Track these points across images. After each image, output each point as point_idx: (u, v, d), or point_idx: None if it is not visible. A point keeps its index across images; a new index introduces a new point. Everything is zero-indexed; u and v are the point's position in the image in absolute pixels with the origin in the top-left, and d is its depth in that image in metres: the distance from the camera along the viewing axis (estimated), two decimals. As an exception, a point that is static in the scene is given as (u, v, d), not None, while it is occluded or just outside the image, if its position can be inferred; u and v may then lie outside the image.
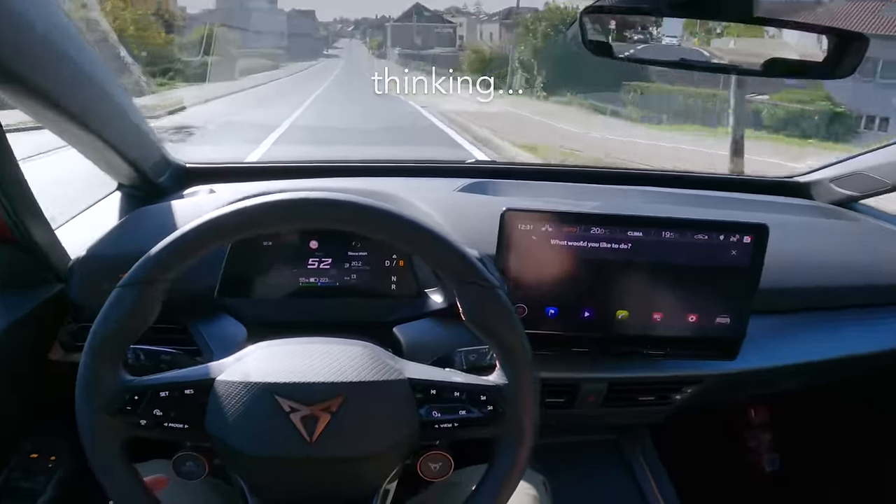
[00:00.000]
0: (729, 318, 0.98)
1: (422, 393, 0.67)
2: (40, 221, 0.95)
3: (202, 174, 1.36)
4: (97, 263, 1.00)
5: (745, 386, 1.23)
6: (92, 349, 0.64)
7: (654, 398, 1.14)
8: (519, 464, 0.67)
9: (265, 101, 12.49)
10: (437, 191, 1.27)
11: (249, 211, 0.64)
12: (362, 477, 0.68)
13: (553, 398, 1.11)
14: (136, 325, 0.64)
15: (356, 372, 0.66)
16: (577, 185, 1.44)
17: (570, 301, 0.97)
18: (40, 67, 0.77)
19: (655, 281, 0.96)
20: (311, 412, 0.63)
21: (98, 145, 0.99)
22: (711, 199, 1.43)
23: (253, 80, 15.62)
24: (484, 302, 0.66)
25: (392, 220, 0.65)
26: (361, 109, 9.83)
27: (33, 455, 1.05)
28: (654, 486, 1.26)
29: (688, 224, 0.93)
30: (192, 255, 0.65)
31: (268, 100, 13.00)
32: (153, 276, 0.64)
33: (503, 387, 0.67)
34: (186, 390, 0.65)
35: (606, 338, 0.99)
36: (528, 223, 0.92)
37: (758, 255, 0.94)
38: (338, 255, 0.93)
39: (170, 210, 1.12)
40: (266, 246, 0.92)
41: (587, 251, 0.93)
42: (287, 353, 0.68)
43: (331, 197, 0.65)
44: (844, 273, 1.20)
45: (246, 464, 0.65)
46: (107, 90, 0.95)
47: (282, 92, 14.69)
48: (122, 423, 0.64)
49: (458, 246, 0.67)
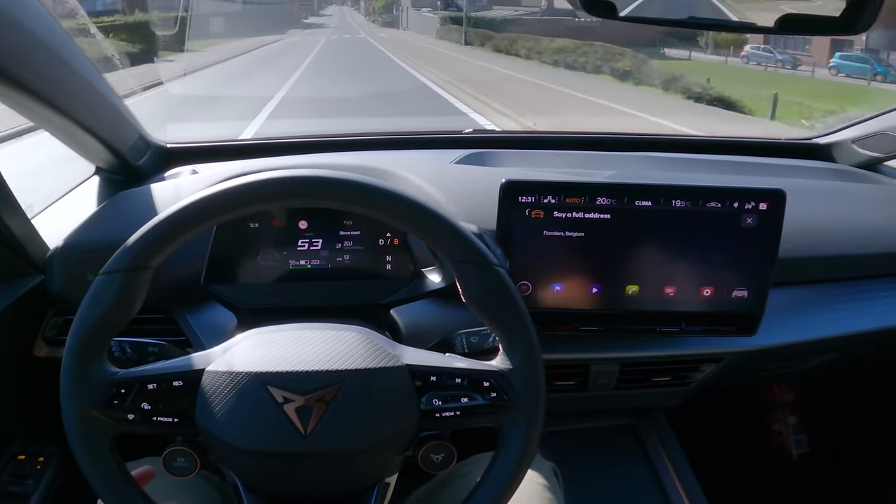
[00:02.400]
0: (747, 291, 0.97)
1: (421, 380, 0.67)
2: (15, 210, 0.95)
3: (184, 154, 1.36)
4: (76, 252, 1.01)
5: (768, 364, 1.23)
6: (75, 341, 0.64)
7: (670, 378, 1.14)
8: (527, 453, 0.67)
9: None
10: (433, 163, 1.27)
11: (235, 191, 0.64)
12: (361, 470, 0.68)
13: (562, 381, 1.11)
14: (120, 314, 0.65)
15: (352, 359, 0.66)
16: (582, 153, 1.43)
17: (577, 277, 0.96)
18: (2, 45, 0.75)
19: (667, 253, 0.95)
20: (305, 403, 0.63)
21: (70, 127, 0.98)
22: (726, 164, 1.43)
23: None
24: (483, 281, 0.66)
25: (382, 195, 0.65)
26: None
27: (21, 457, 1.06)
28: (673, 472, 1.26)
29: (699, 192, 0.92)
30: (177, 238, 0.65)
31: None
32: (137, 263, 0.64)
33: (507, 371, 0.67)
34: (175, 382, 0.65)
35: (616, 314, 0.99)
36: (529, 195, 0.92)
37: (775, 222, 0.94)
38: (329, 236, 0.93)
39: (150, 193, 1.12)
40: (253, 228, 0.92)
41: (593, 223, 0.93)
42: (279, 341, 0.69)
43: (316, 174, 0.65)
44: (870, 240, 1.19)
45: (238, 458, 0.66)
46: (77, 69, 0.94)
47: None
48: (108, 418, 0.64)
49: (453, 222, 0.66)
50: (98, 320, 0.64)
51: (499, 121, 8.69)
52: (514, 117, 8.96)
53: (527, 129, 6.34)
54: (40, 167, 1.51)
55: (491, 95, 10.79)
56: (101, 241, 0.94)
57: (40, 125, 1.00)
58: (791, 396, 1.66)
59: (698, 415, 1.39)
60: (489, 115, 9.16)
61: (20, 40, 0.79)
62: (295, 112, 8.86)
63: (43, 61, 0.85)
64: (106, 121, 1.08)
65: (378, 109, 9.22)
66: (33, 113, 0.92)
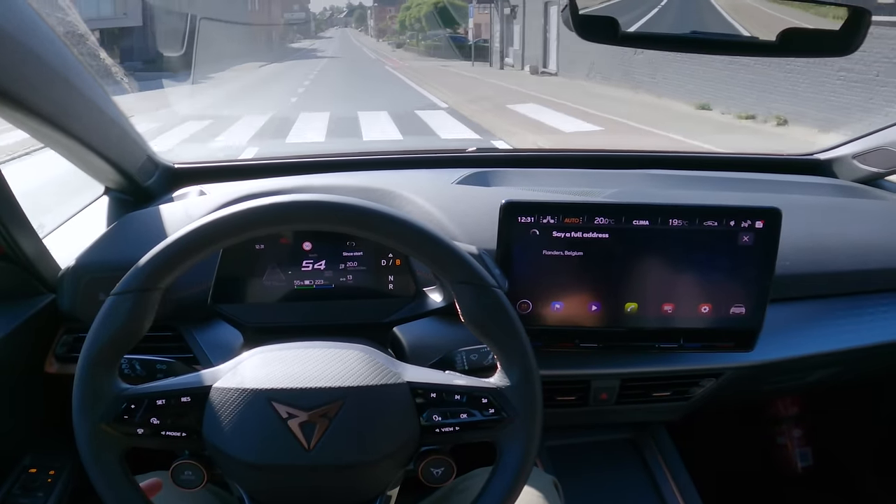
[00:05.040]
0: (744, 307, 0.99)
1: (422, 397, 0.69)
2: (27, 230, 0.97)
3: (192, 174, 1.38)
4: (88, 272, 1.03)
5: (768, 379, 1.24)
6: (87, 359, 0.67)
7: (671, 393, 1.16)
8: (524, 467, 0.69)
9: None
10: (435, 183, 1.29)
11: (241, 216, 0.67)
12: (362, 484, 0.70)
13: (564, 396, 1.13)
14: (131, 333, 0.67)
15: (354, 376, 0.68)
16: (583, 172, 1.45)
17: (576, 295, 0.98)
18: (9, 70, 0.77)
19: (665, 271, 0.97)
20: (308, 418, 0.66)
21: (79, 150, 1.01)
22: (725, 182, 1.44)
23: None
24: (480, 302, 0.69)
25: (382, 219, 0.68)
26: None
27: (32, 470, 1.07)
28: (674, 486, 1.26)
29: (696, 211, 0.94)
30: (186, 261, 0.68)
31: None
32: (147, 284, 0.67)
33: (504, 389, 0.69)
34: (183, 398, 0.68)
35: (616, 332, 1.00)
36: (528, 216, 0.94)
37: (771, 240, 0.95)
38: (332, 257, 0.96)
39: (159, 214, 1.14)
40: (258, 250, 0.94)
41: (591, 242, 0.95)
42: (283, 359, 0.71)
43: (319, 199, 0.68)
44: (871, 255, 1.20)
45: (244, 472, 0.68)
46: (85, 92, 0.96)
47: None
48: (119, 433, 0.67)
49: (451, 244, 0.69)
50: (109, 339, 0.67)
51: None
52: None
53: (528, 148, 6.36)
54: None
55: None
56: (112, 262, 0.97)
57: (49, 146, 1.02)
58: (795, 410, 1.66)
59: (700, 429, 1.40)
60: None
61: (28, 64, 0.82)
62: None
63: (50, 84, 0.88)
64: (114, 142, 1.11)
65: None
66: (41, 135, 0.94)
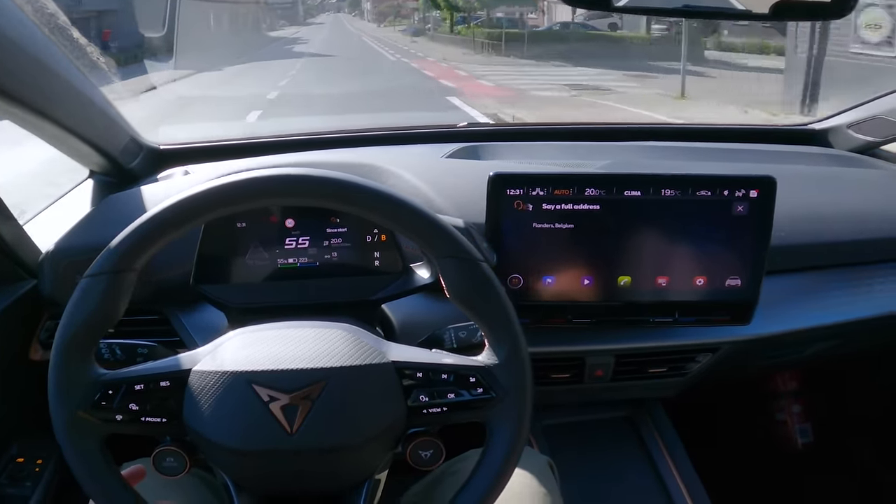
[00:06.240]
0: (740, 279, 0.98)
1: (408, 377, 0.67)
2: (5, 215, 0.96)
3: (177, 155, 1.36)
4: (67, 255, 1.01)
5: (766, 353, 1.23)
6: (61, 344, 0.65)
7: (667, 369, 1.15)
8: (515, 447, 0.67)
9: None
10: (424, 158, 1.27)
11: (216, 191, 0.65)
12: (349, 467, 0.69)
13: (558, 374, 1.12)
14: (105, 316, 0.65)
15: (337, 356, 0.67)
16: (575, 144, 1.44)
17: (568, 269, 0.97)
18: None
19: (658, 243, 0.95)
20: (290, 401, 0.64)
21: (59, 133, 0.99)
22: (720, 152, 1.42)
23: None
24: (465, 276, 0.67)
25: (362, 192, 0.65)
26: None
27: (19, 459, 1.07)
28: (671, 464, 1.26)
29: (688, 180, 0.93)
30: (159, 240, 0.65)
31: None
32: (121, 265, 0.65)
33: (493, 367, 0.67)
34: (162, 382, 0.66)
35: (609, 306, 0.99)
36: (517, 188, 0.92)
37: (765, 210, 0.94)
38: (316, 234, 0.94)
39: (141, 195, 1.12)
40: (240, 228, 0.92)
41: (582, 215, 0.93)
42: (263, 340, 0.69)
43: (297, 172, 0.65)
44: (866, 225, 1.19)
45: (226, 457, 0.67)
46: (61, 74, 0.95)
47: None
48: (97, 419, 0.65)
49: (434, 217, 0.67)
50: (83, 323, 0.65)
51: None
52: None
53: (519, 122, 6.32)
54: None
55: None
56: (90, 244, 0.94)
57: (29, 131, 1.00)
58: (794, 385, 1.66)
59: (697, 405, 1.39)
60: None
61: (3, 50, 0.80)
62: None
63: (25, 69, 0.86)
64: (95, 124, 1.09)
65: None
66: (20, 120, 0.93)
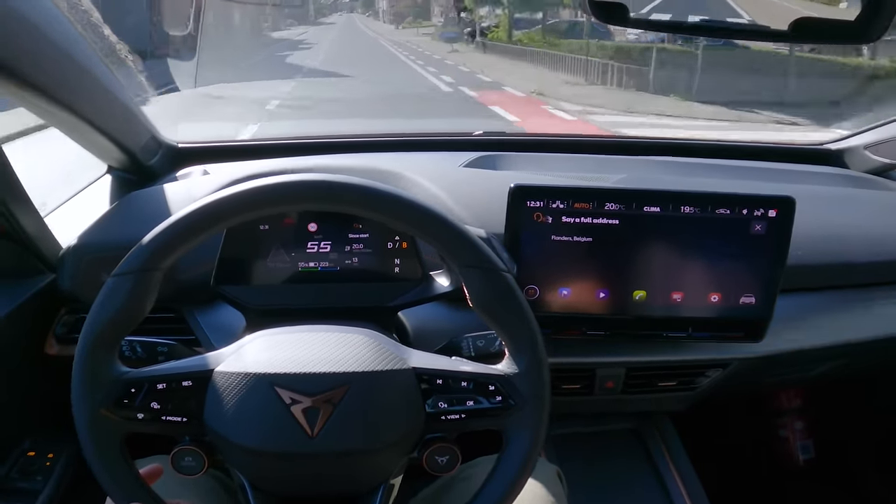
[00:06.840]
0: (754, 297, 0.98)
1: (427, 383, 0.68)
2: (28, 209, 0.96)
3: (195, 154, 1.37)
4: (88, 252, 1.02)
5: (775, 370, 1.23)
6: (87, 341, 0.65)
7: (676, 383, 1.15)
8: (531, 456, 0.68)
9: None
10: (443, 166, 1.28)
11: (245, 195, 0.66)
12: (366, 471, 0.69)
13: (569, 385, 1.12)
14: (131, 315, 0.66)
15: (359, 361, 0.67)
16: (594, 157, 1.44)
17: (584, 281, 0.97)
18: (11, 44, 0.76)
19: (674, 259, 0.96)
20: (312, 404, 0.64)
21: (82, 127, 1.00)
22: (738, 170, 1.42)
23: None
24: (489, 286, 0.67)
25: (389, 200, 0.66)
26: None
27: (30, 453, 1.07)
28: (677, 476, 1.26)
29: (708, 198, 0.93)
30: (188, 242, 0.66)
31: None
32: (149, 265, 0.65)
33: (512, 376, 0.68)
34: (184, 382, 0.67)
35: (623, 320, 0.99)
36: (537, 200, 0.93)
37: (783, 230, 0.94)
38: (338, 238, 0.94)
39: (162, 194, 1.13)
40: (263, 230, 0.93)
41: (601, 228, 0.94)
42: (287, 343, 0.70)
43: (325, 178, 0.66)
44: (881, 246, 1.19)
45: (245, 458, 0.67)
46: (89, 69, 0.95)
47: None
48: (118, 417, 0.66)
49: (459, 226, 0.67)
50: (109, 321, 0.65)
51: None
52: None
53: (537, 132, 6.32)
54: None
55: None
56: (114, 242, 0.95)
57: (52, 124, 1.01)
58: (798, 402, 1.65)
59: (704, 420, 1.39)
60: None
61: (33, 42, 0.81)
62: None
63: (55, 62, 0.86)
64: (118, 120, 1.10)
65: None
66: (45, 112, 0.94)
